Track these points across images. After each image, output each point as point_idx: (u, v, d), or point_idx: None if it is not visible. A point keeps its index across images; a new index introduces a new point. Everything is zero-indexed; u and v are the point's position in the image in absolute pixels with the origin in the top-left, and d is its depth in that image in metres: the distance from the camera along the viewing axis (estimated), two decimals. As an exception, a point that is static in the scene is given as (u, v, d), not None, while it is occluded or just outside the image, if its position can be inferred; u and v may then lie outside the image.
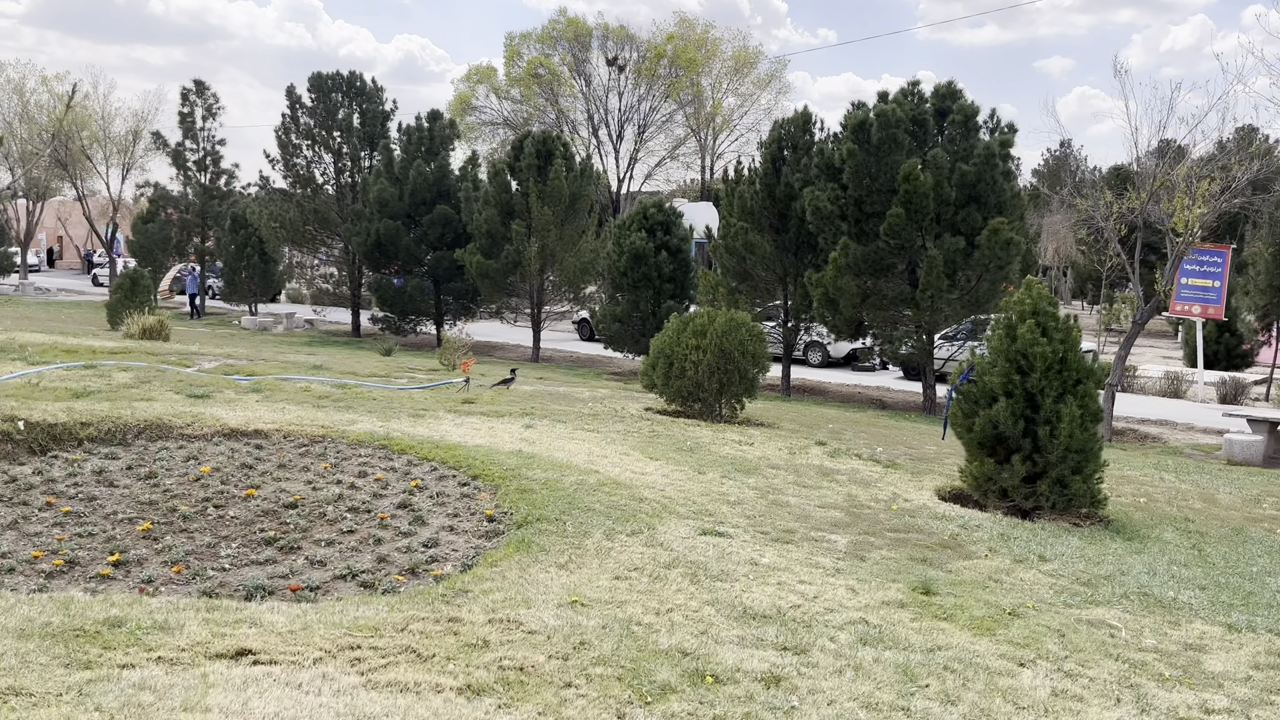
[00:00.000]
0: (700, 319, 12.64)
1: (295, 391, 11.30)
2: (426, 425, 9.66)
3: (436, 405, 11.08)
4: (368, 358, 19.75)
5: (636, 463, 8.89)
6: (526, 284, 26.37)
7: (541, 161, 25.87)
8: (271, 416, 9.31)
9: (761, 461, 9.76)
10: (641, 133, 44.58)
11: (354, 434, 8.83)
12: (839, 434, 12.64)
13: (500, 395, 12.55)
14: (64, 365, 11.44)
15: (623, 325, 23.45)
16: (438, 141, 29.49)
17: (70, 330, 20.16)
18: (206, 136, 40.36)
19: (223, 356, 15.04)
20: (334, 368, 14.66)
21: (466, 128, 45.85)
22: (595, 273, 26.71)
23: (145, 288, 26.91)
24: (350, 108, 31.81)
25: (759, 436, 11.34)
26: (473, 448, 8.60)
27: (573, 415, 11.39)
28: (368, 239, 28.33)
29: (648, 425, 11.25)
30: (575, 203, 26.05)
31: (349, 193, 31.51)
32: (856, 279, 18.68)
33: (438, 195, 28.63)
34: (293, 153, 31.67)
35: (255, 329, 33.25)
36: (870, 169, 18.46)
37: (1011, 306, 8.96)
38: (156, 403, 9.58)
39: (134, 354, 13.70)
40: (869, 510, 8.07)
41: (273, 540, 5.87)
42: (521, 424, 10.35)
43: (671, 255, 23.50)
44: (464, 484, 7.41)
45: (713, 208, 40.21)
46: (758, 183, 21.27)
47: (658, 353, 12.99)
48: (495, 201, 26.13)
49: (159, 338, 19.62)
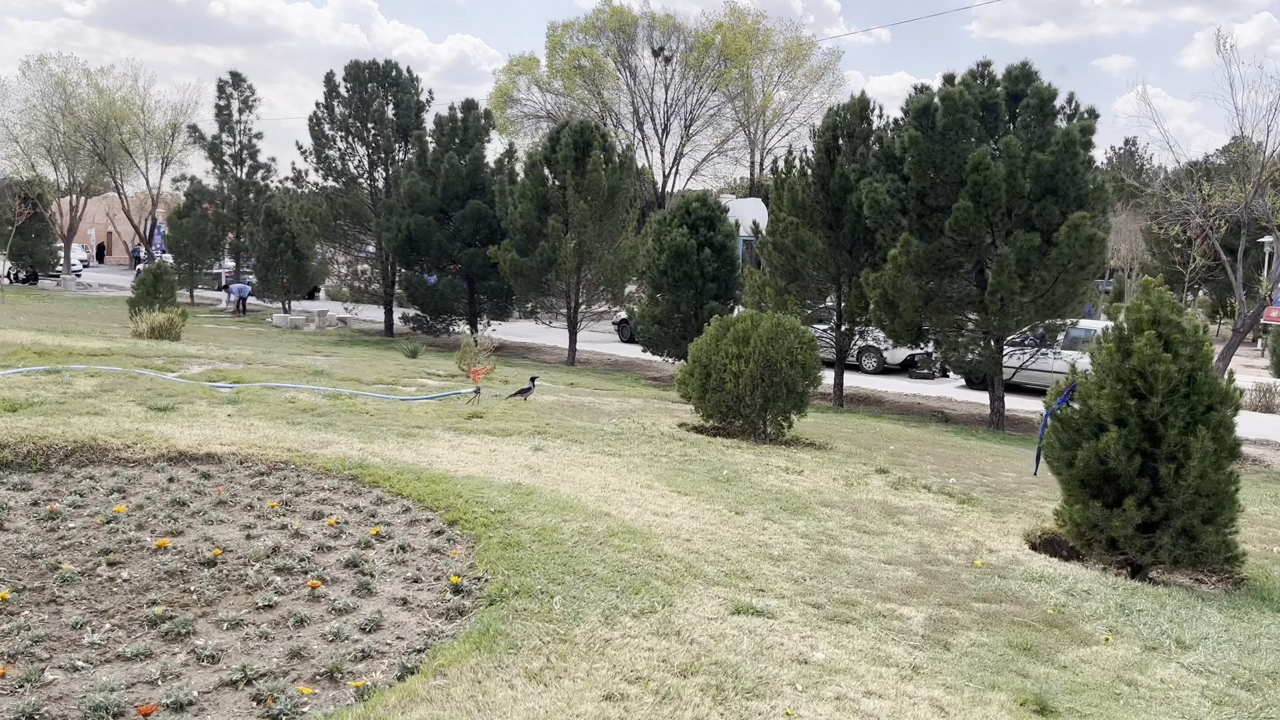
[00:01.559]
0: (742, 323, 11.05)
1: (278, 403, 9.93)
2: (414, 448, 8.20)
3: (436, 421, 9.63)
4: (388, 360, 18.43)
5: (660, 499, 7.34)
6: (562, 282, 24.92)
7: (579, 153, 24.39)
8: (233, 436, 7.91)
9: (812, 497, 8.15)
10: (688, 127, 42.99)
11: (323, 460, 7.40)
12: (902, 457, 10.97)
13: (515, 408, 11.07)
14: (22, 370, 10.20)
15: (662, 327, 21.88)
16: (471, 133, 28.16)
17: (79, 328, 19.12)
18: (243, 129, 39.63)
19: (221, 359, 13.77)
20: (339, 373, 13.31)
21: (507, 121, 44.59)
22: (635, 271, 25.18)
23: (169, 284, 25.95)
24: (385, 98, 30.63)
25: (809, 462, 9.72)
26: (461, 479, 7.12)
27: (592, 434, 9.87)
28: (399, 234, 27.10)
29: (679, 447, 9.69)
30: (614, 196, 24.54)
31: (382, 186, 30.34)
32: (918, 279, 16.93)
33: (471, 189, 27.31)
34: (326, 144, 30.57)
35: (286, 327, 32.24)
36: (934, 158, 16.69)
37: (1129, 313, 7.25)
38: (104, 418, 8.24)
39: (117, 357, 12.46)
40: (947, 567, 6.44)
41: (161, 619, 4.42)
42: (530, 445, 8.85)
43: (715, 253, 21.88)
44: (438, 532, 5.91)
45: (761, 204, 38.48)
46: (810, 174, 19.58)
47: (694, 361, 11.43)
48: (531, 195, 24.71)
49: (168, 337, 18.52)
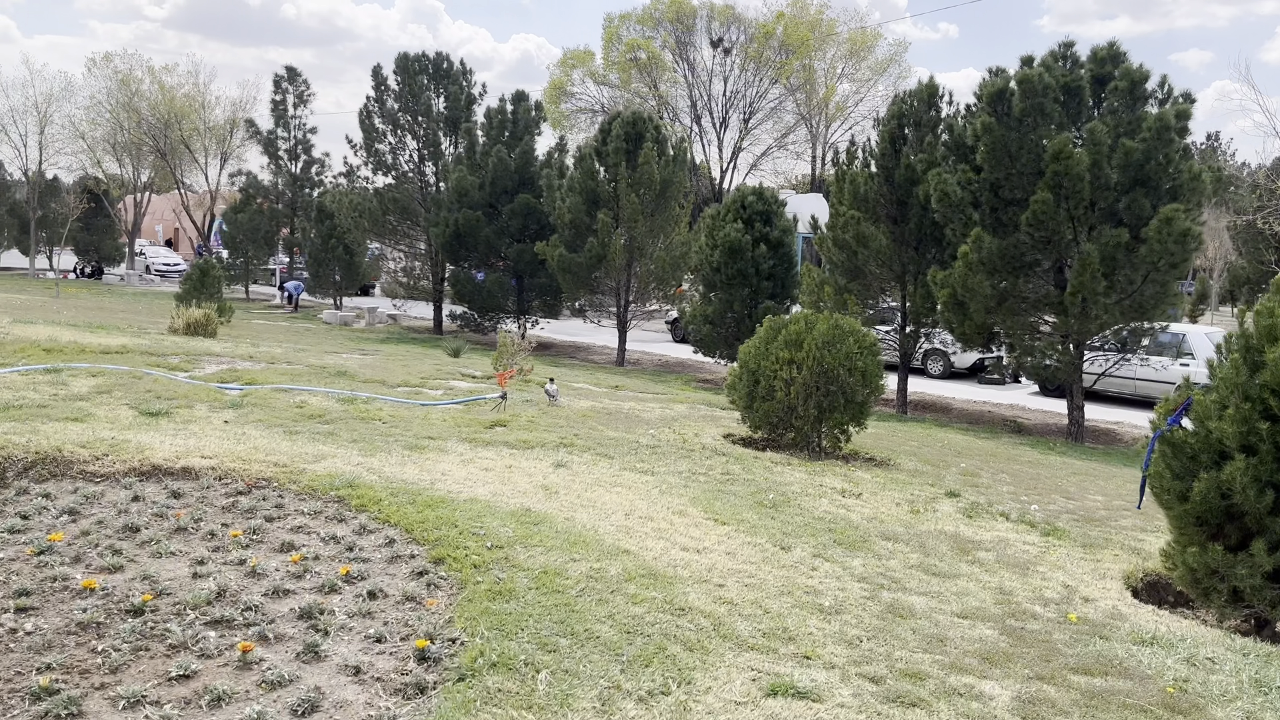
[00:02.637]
0: (795, 325, 9.97)
1: (283, 408, 9.12)
2: (420, 463, 7.29)
3: (452, 430, 8.73)
4: (427, 359, 17.65)
5: (692, 529, 6.32)
6: (612, 280, 23.99)
7: (630, 145, 23.44)
8: (219, 447, 7.08)
9: (872, 527, 7.06)
10: (747, 120, 41.66)
11: (312, 476, 6.52)
12: (974, 476, 9.80)
13: (544, 415, 10.13)
14: (19, 369, 9.54)
15: (714, 327, 20.82)
16: (521, 126, 27.37)
17: (117, 323, 18.70)
18: (298, 125, 39.47)
19: (245, 358, 13.06)
20: (366, 374, 12.51)
21: (561, 115, 43.79)
22: (687, 268, 24.15)
23: (215, 279, 25.64)
24: (435, 91, 30.00)
25: (869, 482, 8.62)
26: (462, 503, 6.18)
27: (625, 447, 8.88)
28: (446, 230, 26.42)
29: (721, 464, 8.66)
30: (667, 190, 23.53)
31: (432, 181, 29.72)
32: (990, 278, 15.63)
33: (520, 183, 26.52)
34: (376, 138, 30.06)
35: (336, 324, 31.83)
36: (1010, 147, 15.38)
37: (1258, 318, 6.04)
38: (83, 424, 7.48)
39: (132, 354, 11.81)
40: (1035, 623, 5.32)
41: (47, 692, 3.55)
42: (552, 460, 7.89)
43: (771, 249, 20.74)
44: (419, 573, 4.97)
45: (822, 200, 37.13)
46: (873, 165, 18.37)
47: (742, 366, 10.39)
48: (580, 189, 23.81)
49: (203, 333, 17.99)
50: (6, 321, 14.85)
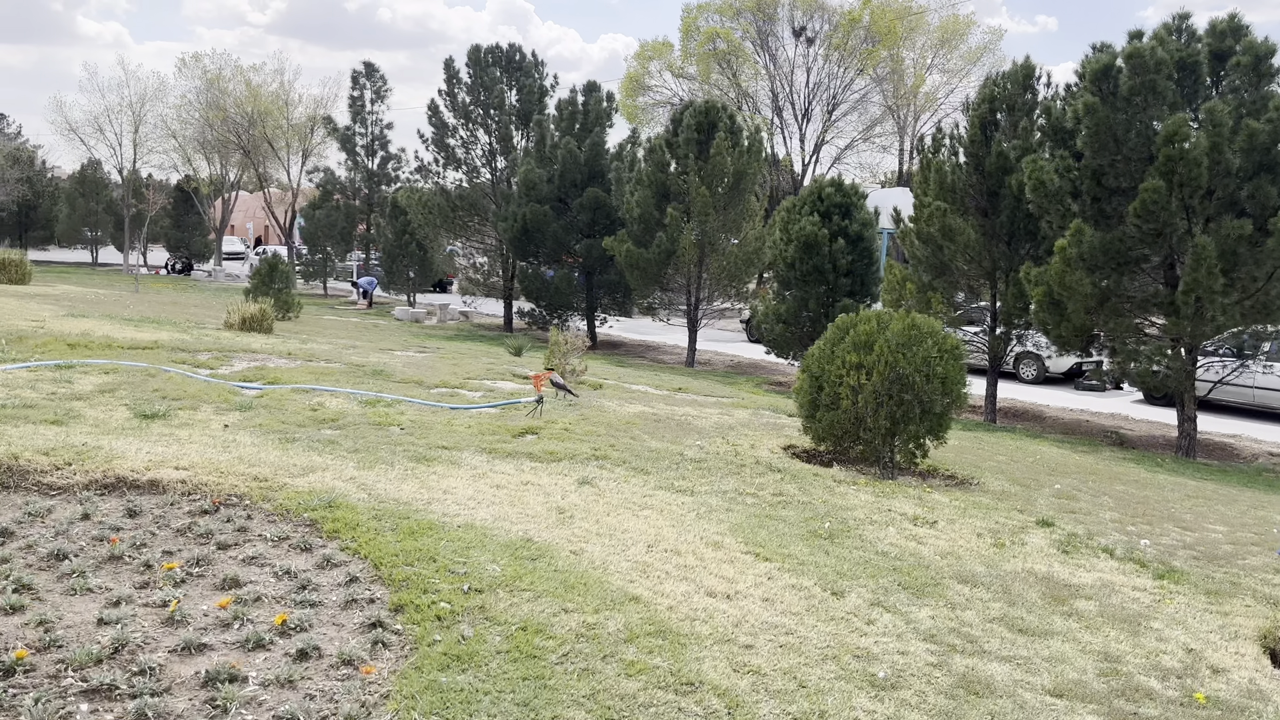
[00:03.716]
0: (865, 325, 8.82)
1: (295, 410, 8.37)
2: (422, 478, 6.40)
3: (473, 439, 7.84)
4: (482, 358, 16.90)
5: (726, 566, 5.29)
6: (682, 276, 22.98)
7: (703, 135, 22.38)
8: (199, 456, 6.31)
9: (946, 565, 5.92)
10: (830, 113, 40.12)
11: (291, 493, 5.69)
12: (1070, 500, 8.52)
13: (583, 422, 9.18)
14: (29, 365, 8.99)
15: (788, 327, 19.64)
16: (592, 117, 26.52)
17: (177, 318, 18.43)
18: (374, 120, 39.38)
19: (283, 354, 12.45)
20: (407, 373, 11.76)
21: (637, 109, 42.87)
22: (761, 264, 23.00)
23: (283, 274, 25.47)
24: (507, 84, 29.38)
25: (946, 506, 7.45)
26: (454, 530, 5.27)
27: (667, 460, 7.88)
28: (514, 225, 25.73)
29: (774, 481, 7.59)
30: (740, 182, 22.41)
31: (504, 176, 29.11)
32: (1091, 275, 14.15)
33: (589, 177, 25.68)
34: (447, 132, 29.60)
35: (408, 320, 31.51)
36: (1116, 129, 13.89)
37: None
38: (66, 427, 6.81)
39: (160, 350, 11.27)
40: (1151, 708, 4.16)
41: None
42: (577, 476, 6.94)
43: (850, 244, 19.46)
44: (372, 624, 4.06)
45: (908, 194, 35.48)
46: (961, 153, 16.98)
47: (805, 371, 9.29)
48: (649, 182, 22.86)
49: (258, 329, 17.56)
50: (51, 314, 14.56)
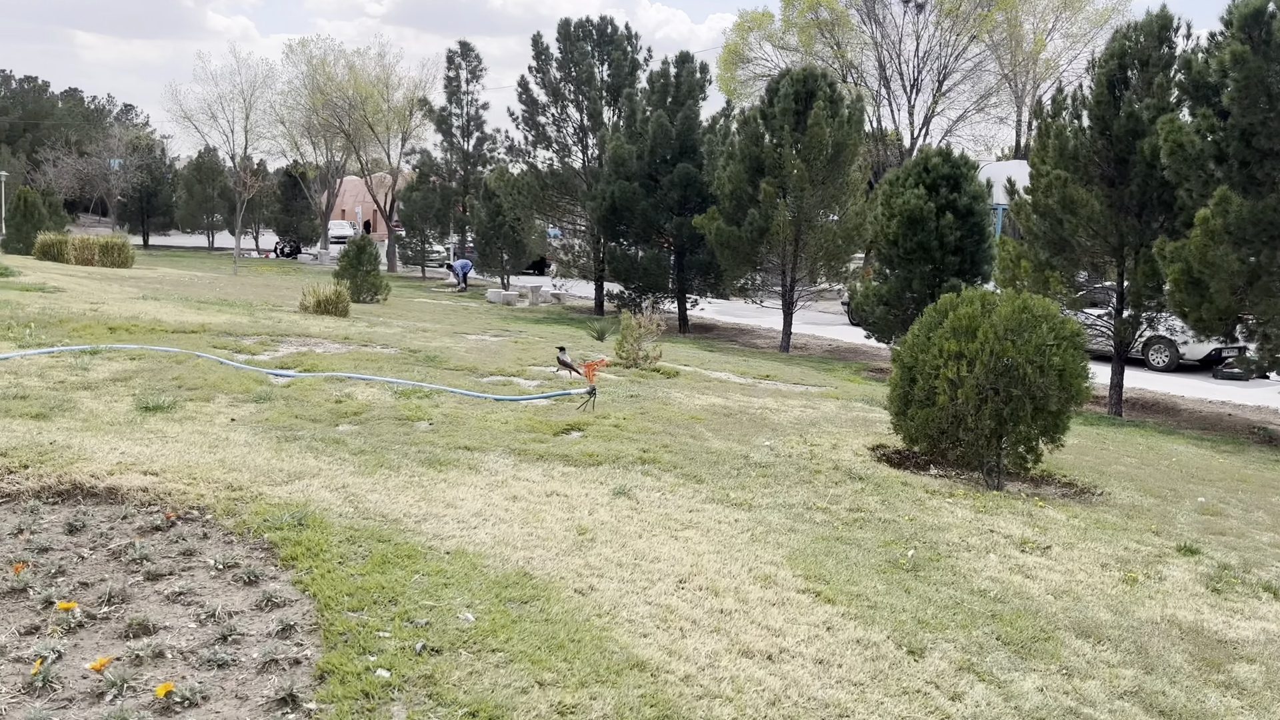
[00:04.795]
0: (967, 308, 7.52)
1: (319, 402, 7.58)
2: (426, 487, 5.48)
3: (505, 437, 6.89)
4: (558, 342, 16.04)
5: (775, 611, 4.21)
6: (776, 255, 21.69)
7: (800, 105, 21.00)
8: (178, 458, 5.53)
9: (1061, 610, 4.69)
10: (941, 82, 37.85)
11: (259, 507, 4.83)
12: (1218, 516, 7.09)
13: (638, 417, 8.15)
14: (54, 349, 8.45)
15: (889, 309, 18.19)
16: (684, 90, 25.34)
17: (251, 300, 18.14)
18: (470, 100, 39.04)
19: (339, 339, 11.79)
20: (466, 360, 10.93)
21: (736, 82, 41.37)
22: (862, 241, 21.52)
23: (371, 257, 25.12)
24: (598, 58, 28.45)
25: (1062, 526, 6.16)
26: (441, 558, 4.32)
27: (727, 465, 6.78)
28: (602, 203, 24.83)
29: (852, 492, 6.42)
30: (839, 154, 20.96)
31: (595, 154, 28.22)
32: (1238, 249, 12.39)
33: (681, 152, 24.56)
34: (537, 110, 28.88)
35: (499, 303, 31.03)
36: (1269, 83, 12.07)
37: None
38: (47, 422, 6.14)
39: (207, 333, 10.73)
40: None
41: None
42: (614, 485, 5.91)
43: (959, 219, 17.87)
44: (282, 700, 3.12)
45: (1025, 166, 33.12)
46: (1085, 116, 15.26)
47: (896, 361, 8.06)
48: (742, 155, 21.61)
49: (333, 311, 17.08)
50: (120, 297, 14.29)
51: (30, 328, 9.25)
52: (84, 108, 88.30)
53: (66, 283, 16.32)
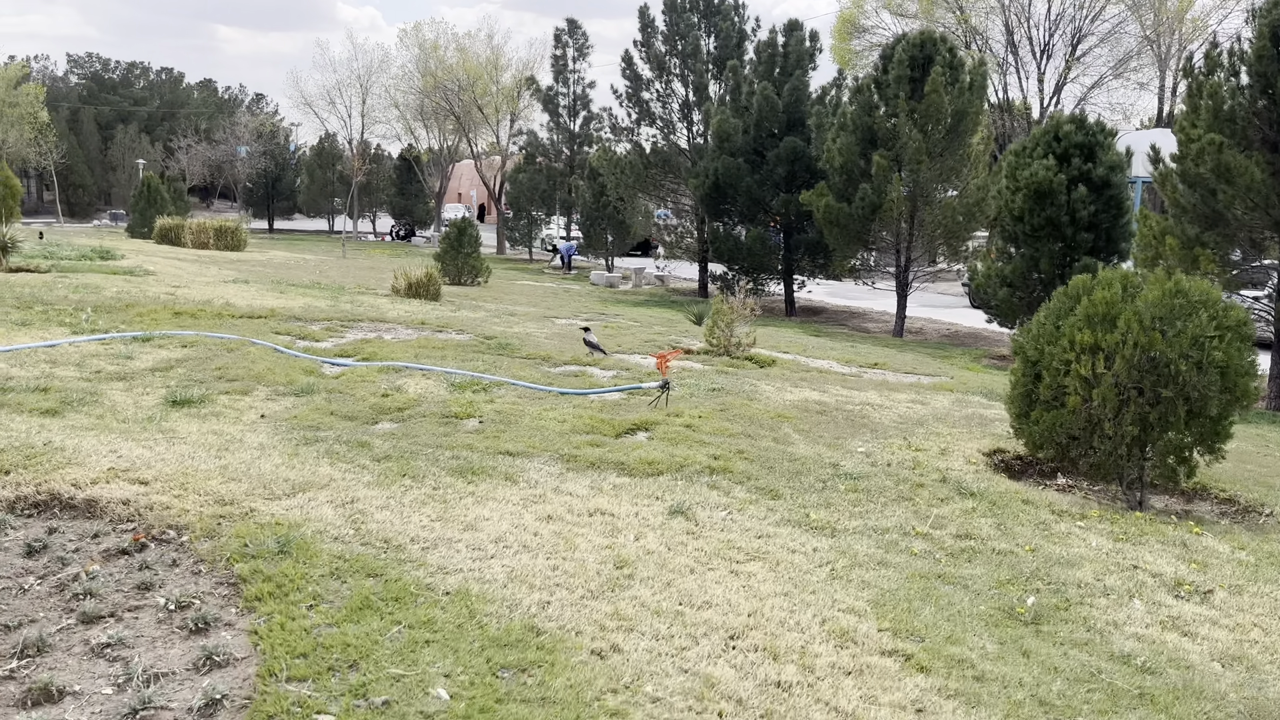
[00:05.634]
0: (1105, 291, 6.33)
1: (364, 395, 6.94)
2: (448, 503, 4.71)
3: (559, 439, 6.08)
4: (653, 327, 15.22)
5: (846, 686, 3.26)
6: (889, 233, 20.31)
7: (916, 72, 19.52)
8: (174, 465, 4.92)
9: (1231, 686, 3.60)
10: (1075, 47, 35.27)
11: (244, 528, 4.15)
12: None
13: (716, 415, 7.23)
14: (102, 336, 8.06)
15: (1013, 291, 16.67)
16: (793, 60, 24.04)
17: (344, 283, 17.92)
18: (577, 79, 38.42)
19: (414, 324, 11.23)
20: (530, 349, 10.21)
21: (851, 53, 39.55)
22: (984, 218, 19.92)
23: (472, 239, 24.74)
24: (704, 29, 27.37)
25: (1225, 560, 4.99)
26: (434, 604, 3.54)
27: (811, 477, 5.81)
28: (705, 180, 23.81)
29: (961, 513, 5.38)
30: (959, 124, 19.42)
31: (701, 130, 27.19)
32: None
33: (788, 125, 23.30)
34: (641, 86, 28.01)
35: (603, 285, 30.41)
36: None
37: None
38: (58, 419, 5.63)
39: (272, 319, 10.29)
40: None
41: None
42: (671, 502, 5.04)
43: (1094, 192, 16.19)
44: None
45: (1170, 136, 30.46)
46: (1244, 73, 13.48)
47: (1018, 353, 6.92)
48: (854, 126, 20.26)
49: (424, 295, 16.66)
50: (209, 280, 14.12)
51: (87, 312, 8.93)
52: (217, 97, 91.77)
53: (164, 265, 16.35)
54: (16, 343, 7.64)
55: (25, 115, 54.52)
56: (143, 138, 72.18)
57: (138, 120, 77.90)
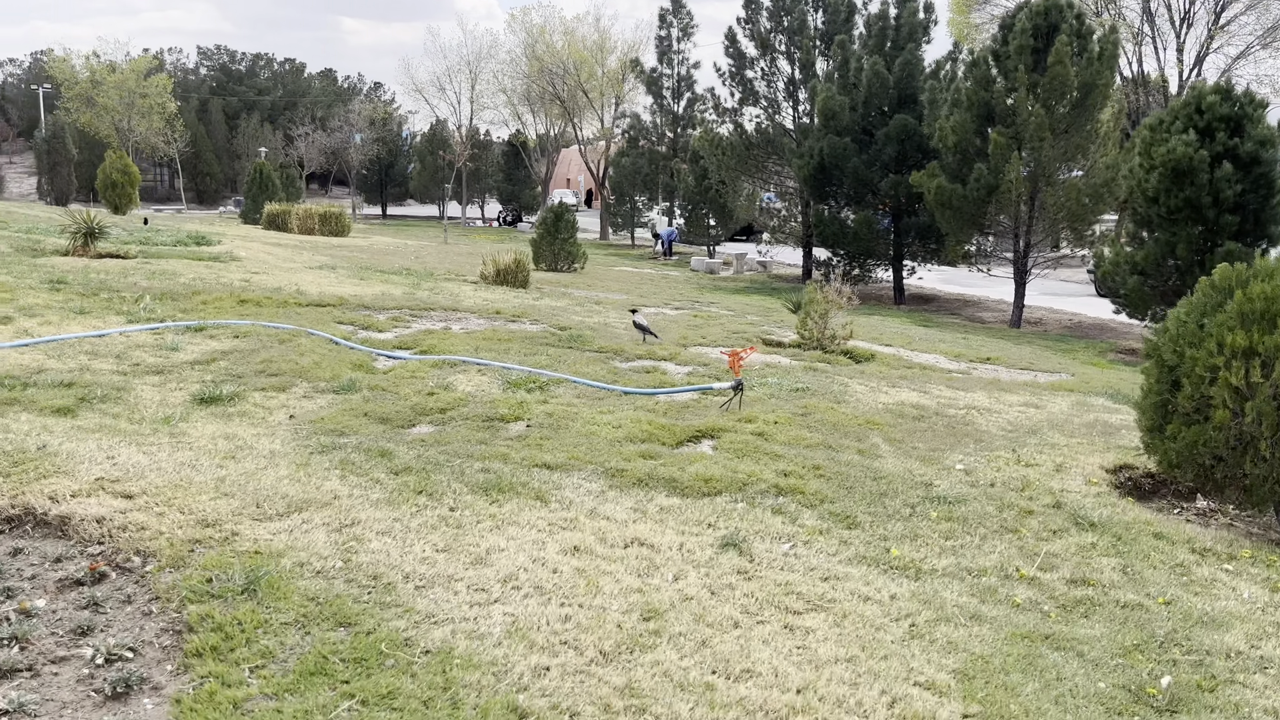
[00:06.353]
0: (1265, 285, 5.28)
1: (409, 394, 6.40)
2: (461, 529, 4.08)
3: (610, 450, 5.39)
4: (745, 316, 14.41)
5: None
6: (1007, 216, 18.94)
7: (1039, 42, 18.11)
8: (169, 475, 4.43)
9: None
10: (1218, 14, 32.62)
11: (216, 557, 3.61)
12: None
13: (794, 421, 6.43)
14: (157, 326, 7.76)
15: (1145, 279, 15.25)
16: (905, 33, 22.73)
17: (433, 269, 17.65)
18: (681, 60, 37.63)
19: (488, 314, 10.73)
20: (603, 341, 9.56)
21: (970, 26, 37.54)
22: (1113, 199, 18.38)
23: (569, 224, 24.27)
24: (812, 3, 26.20)
25: None
26: (402, 670, 2.90)
27: (898, 499, 4.98)
28: (809, 161, 22.76)
29: (1077, 551, 4.48)
30: (1086, 98, 17.92)
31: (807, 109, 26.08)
32: None
33: (899, 102, 22.05)
34: (745, 64, 27.04)
35: (702, 270, 29.62)
36: None
37: None
38: (70, 419, 5.23)
39: (339, 308, 9.90)
40: None
41: None
42: (725, 530, 4.31)
43: (1241, 170, 14.64)
44: None
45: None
46: None
47: (1152, 355, 5.91)
48: (969, 102, 18.95)
49: (511, 282, 16.21)
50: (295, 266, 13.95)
51: (146, 301, 8.68)
52: (336, 86, 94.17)
53: (255, 251, 16.33)
54: (69, 331, 7.39)
55: (154, 106, 56.71)
56: (265, 126, 74.57)
57: (261, 110, 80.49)
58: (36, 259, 11.33)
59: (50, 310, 8.03)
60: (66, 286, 9.19)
